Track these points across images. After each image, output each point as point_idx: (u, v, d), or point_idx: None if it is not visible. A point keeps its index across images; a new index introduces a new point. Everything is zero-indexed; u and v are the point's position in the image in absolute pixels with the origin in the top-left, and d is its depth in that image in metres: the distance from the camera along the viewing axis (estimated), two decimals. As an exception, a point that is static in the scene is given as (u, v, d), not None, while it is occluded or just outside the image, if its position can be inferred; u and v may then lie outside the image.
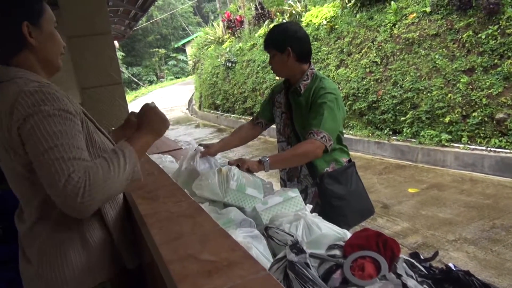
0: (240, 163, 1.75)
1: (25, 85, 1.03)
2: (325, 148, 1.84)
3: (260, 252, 1.22)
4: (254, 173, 1.79)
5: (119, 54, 25.26)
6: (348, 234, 1.29)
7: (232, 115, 11.36)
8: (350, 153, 2.20)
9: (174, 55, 32.08)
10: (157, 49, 31.37)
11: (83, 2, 2.65)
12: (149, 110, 1.23)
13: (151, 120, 1.20)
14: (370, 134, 6.49)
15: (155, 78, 31.66)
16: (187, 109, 16.71)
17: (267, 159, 1.80)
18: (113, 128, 1.61)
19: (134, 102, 21.30)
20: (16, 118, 0.98)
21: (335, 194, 1.98)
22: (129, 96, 23.38)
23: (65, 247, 1.11)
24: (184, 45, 29.39)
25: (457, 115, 5.26)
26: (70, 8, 2.64)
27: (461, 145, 5.18)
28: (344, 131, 2.19)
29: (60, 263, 1.09)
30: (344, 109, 2.00)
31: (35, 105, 0.98)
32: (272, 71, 2.15)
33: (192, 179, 1.76)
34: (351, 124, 6.99)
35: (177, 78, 31.18)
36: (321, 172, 2.01)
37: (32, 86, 1.02)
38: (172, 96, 20.80)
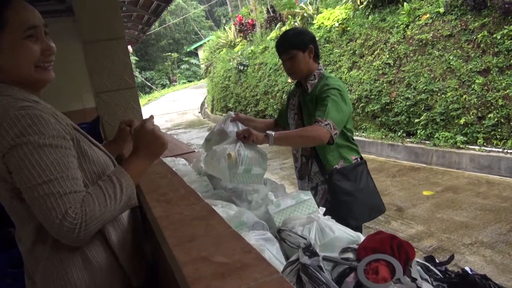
0: (246, 135, 1.80)
1: (10, 107, 0.95)
2: (330, 137, 1.86)
3: (273, 254, 1.22)
4: (258, 145, 1.87)
5: (133, 59, 25.56)
6: (361, 237, 1.28)
7: (244, 118, 11.38)
8: (363, 155, 2.21)
9: (186, 59, 32.33)
10: (169, 53, 31.67)
11: (97, 8, 2.69)
12: (147, 132, 1.14)
13: (150, 144, 1.15)
14: (384, 136, 6.43)
15: (168, 82, 31.95)
16: (199, 112, 16.80)
17: (273, 134, 1.85)
18: (107, 140, 1.58)
19: (147, 106, 21.53)
20: (1, 146, 0.93)
21: (343, 190, 2.03)
22: (142, 100, 23.64)
23: (67, 269, 1.06)
24: (196, 49, 29.62)
25: (472, 116, 5.17)
26: (85, 14, 2.69)
27: (476, 147, 5.09)
28: (353, 130, 2.23)
29: (64, 285, 1.06)
30: (350, 104, 2.05)
31: (23, 135, 0.92)
32: (289, 74, 2.20)
33: (221, 138, 1.98)
34: (364, 126, 6.94)
35: (189, 81, 31.41)
36: (330, 169, 2.07)
37: (18, 107, 0.95)
38: (184, 100, 20.94)
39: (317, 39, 8.50)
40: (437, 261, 1.21)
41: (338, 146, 2.04)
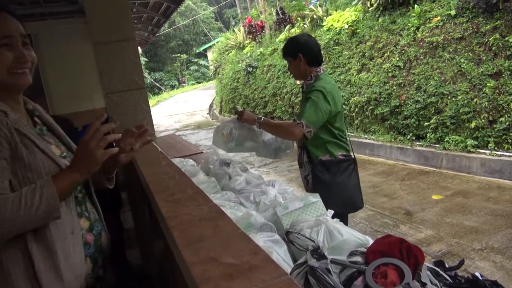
0: (239, 116, 2.32)
1: None
2: (303, 135, 2.17)
3: (281, 256, 1.22)
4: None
5: (142, 60, 25.74)
6: (370, 240, 1.27)
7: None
8: (372, 158, 2.25)
9: (195, 60, 32.46)
10: (179, 55, 31.82)
11: (108, 10, 2.71)
12: (80, 144, 1.09)
13: (82, 157, 1.09)
14: (393, 139, 6.38)
15: (177, 83, 32.08)
16: (208, 113, 16.85)
17: (262, 120, 2.28)
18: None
19: (156, 107, 21.65)
20: None
21: (321, 180, 2.26)
22: (152, 101, 23.76)
23: None
24: (205, 50, 29.72)
25: (483, 120, 5.11)
26: (96, 16, 2.72)
27: (487, 151, 5.03)
28: (344, 129, 2.38)
29: None
30: (337, 105, 2.25)
31: None
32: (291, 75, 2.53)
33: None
34: (372, 129, 6.90)
35: (198, 83, 31.52)
36: (316, 160, 2.30)
37: None
38: (193, 101, 21.03)
39: (326, 41, 8.39)
40: (447, 266, 1.20)
41: (324, 141, 2.27)
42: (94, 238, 1.26)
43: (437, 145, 5.67)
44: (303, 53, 2.28)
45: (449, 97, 5.55)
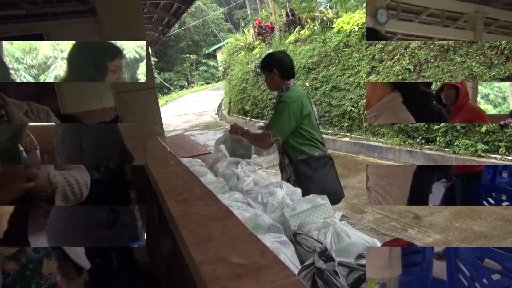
0: (230, 127, 2.72)
1: None
2: (271, 143, 2.48)
3: (288, 258, 1.22)
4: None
5: (152, 60, 25.87)
6: (378, 244, 1.27)
7: (261, 121, 11.39)
8: (380, 161, 2.28)
9: (205, 60, 32.55)
10: (188, 55, 31.93)
11: (120, 10, 2.74)
12: None
13: None
14: (402, 143, 6.34)
15: (186, 83, 32.19)
16: (216, 114, 16.88)
17: (243, 131, 2.61)
18: None
19: (166, 107, 21.76)
20: None
21: (303, 175, 2.45)
22: (161, 101, 23.87)
23: None
24: (215, 51, 29.82)
25: (494, 124, 5.05)
26: (107, 15, 2.75)
27: (498, 156, 4.97)
28: (313, 131, 2.55)
29: None
30: (301, 111, 2.44)
31: None
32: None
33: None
34: (381, 132, 6.86)
35: (207, 83, 31.60)
36: (296, 160, 2.50)
37: None
38: (202, 101, 21.09)
39: (336, 43, 8.32)
40: (456, 270, 1.19)
41: (299, 144, 2.48)
42: (18, 268, 1.16)
43: (447, 149, 5.62)
44: (277, 68, 2.51)
45: (459, 101, 5.49)
